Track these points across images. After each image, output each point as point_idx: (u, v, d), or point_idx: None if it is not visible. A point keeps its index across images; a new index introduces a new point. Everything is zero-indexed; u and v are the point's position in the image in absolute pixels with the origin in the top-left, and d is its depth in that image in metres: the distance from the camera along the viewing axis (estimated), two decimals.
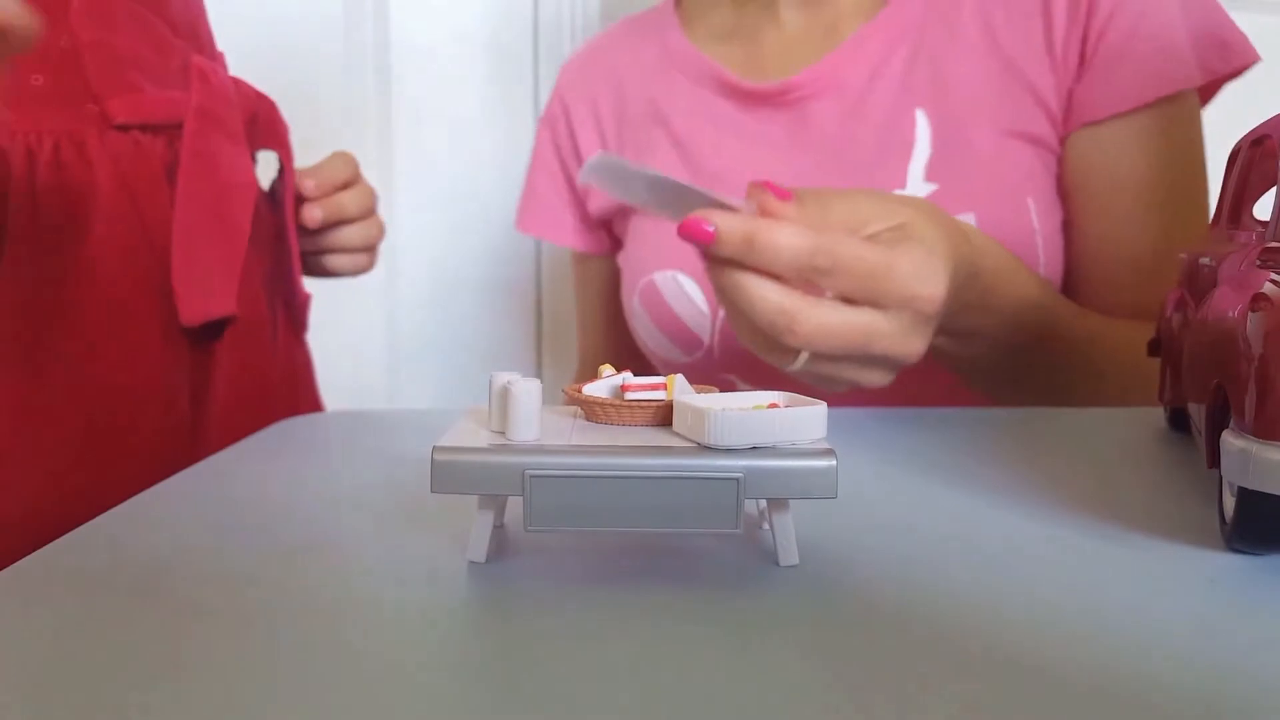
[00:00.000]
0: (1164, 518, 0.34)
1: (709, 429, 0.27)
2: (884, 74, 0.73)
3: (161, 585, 0.28)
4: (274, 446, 0.47)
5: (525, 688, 0.21)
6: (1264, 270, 0.33)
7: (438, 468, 0.27)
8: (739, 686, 0.21)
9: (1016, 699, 0.21)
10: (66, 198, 0.50)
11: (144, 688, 0.22)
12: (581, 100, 0.86)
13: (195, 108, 0.55)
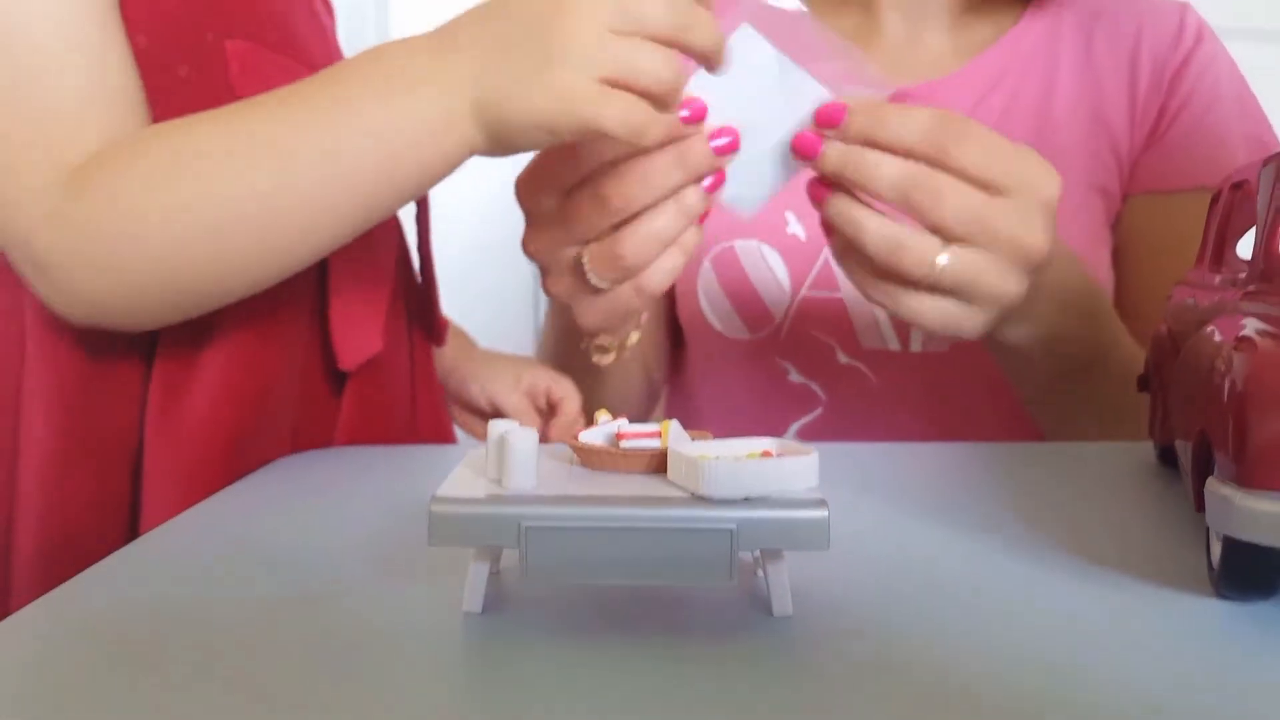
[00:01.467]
0: (1154, 562, 0.35)
1: (702, 480, 0.28)
2: (984, 110, 0.76)
3: (154, 637, 0.28)
4: (273, 487, 0.47)
5: None
6: (1245, 313, 0.34)
7: (435, 519, 0.28)
8: None
9: None
10: None
11: None
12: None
13: None
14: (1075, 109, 0.76)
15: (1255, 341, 0.30)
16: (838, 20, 0.82)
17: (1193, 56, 0.75)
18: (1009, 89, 0.77)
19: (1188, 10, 0.77)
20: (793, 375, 0.77)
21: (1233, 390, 0.29)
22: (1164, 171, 0.75)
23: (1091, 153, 0.75)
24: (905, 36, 0.80)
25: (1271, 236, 0.35)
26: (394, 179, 0.47)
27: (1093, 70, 0.77)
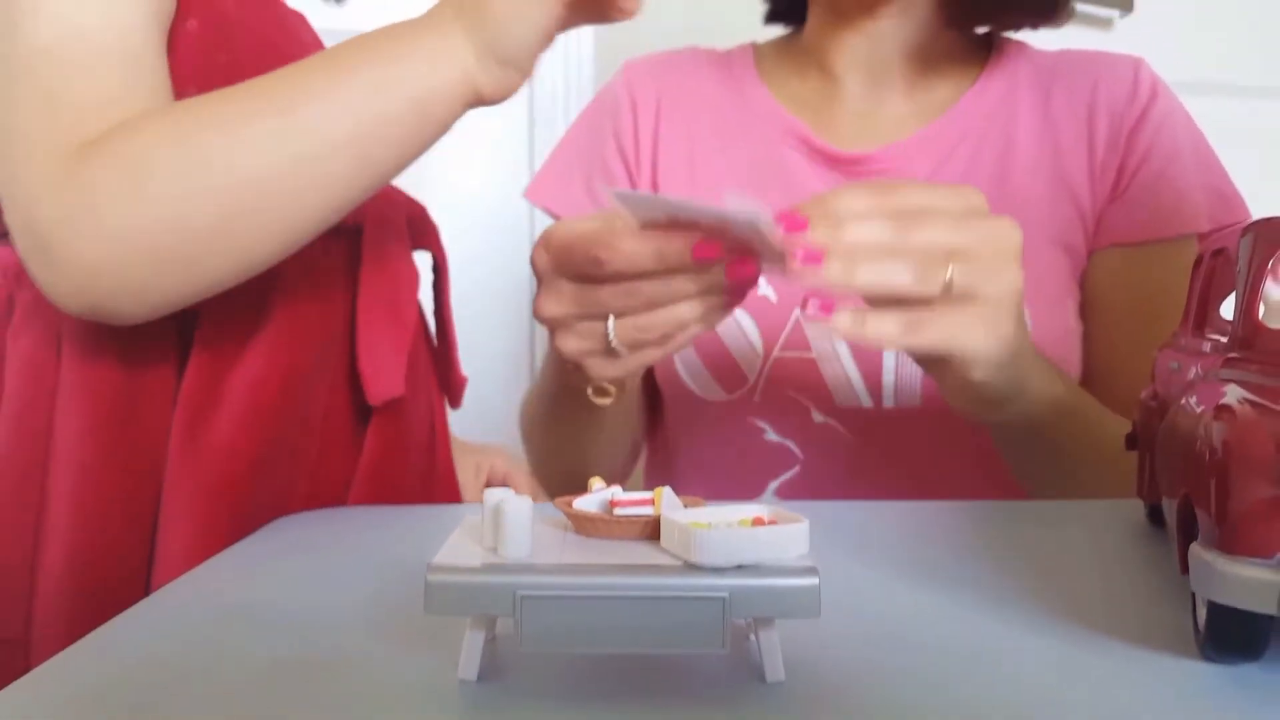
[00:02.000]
0: (1142, 624, 0.35)
1: (695, 548, 0.28)
2: (945, 171, 0.78)
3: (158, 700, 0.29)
4: (275, 547, 0.48)
5: None
6: (1226, 381, 0.34)
7: (432, 589, 0.28)
8: None
9: None
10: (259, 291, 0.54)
11: None
12: (649, 99, 0.86)
13: (372, 216, 0.60)
14: (1035, 167, 0.77)
15: (1235, 410, 0.31)
16: (801, 86, 0.84)
17: (1149, 111, 0.77)
18: (969, 150, 0.78)
19: (1141, 66, 0.79)
20: (769, 434, 0.78)
21: (1214, 458, 0.30)
22: (1128, 225, 0.76)
23: (1054, 209, 0.77)
24: (865, 102, 0.82)
25: (1250, 305, 0.36)
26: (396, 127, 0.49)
27: (1051, 128, 0.78)
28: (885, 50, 0.80)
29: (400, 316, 0.60)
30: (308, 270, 0.56)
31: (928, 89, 0.81)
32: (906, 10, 0.78)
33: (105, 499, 0.51)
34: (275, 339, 0.55)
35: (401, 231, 0.63)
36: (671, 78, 0.87)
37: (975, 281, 0.50)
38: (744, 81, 0.86)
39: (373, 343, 0.58)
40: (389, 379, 0.58)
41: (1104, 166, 0.77)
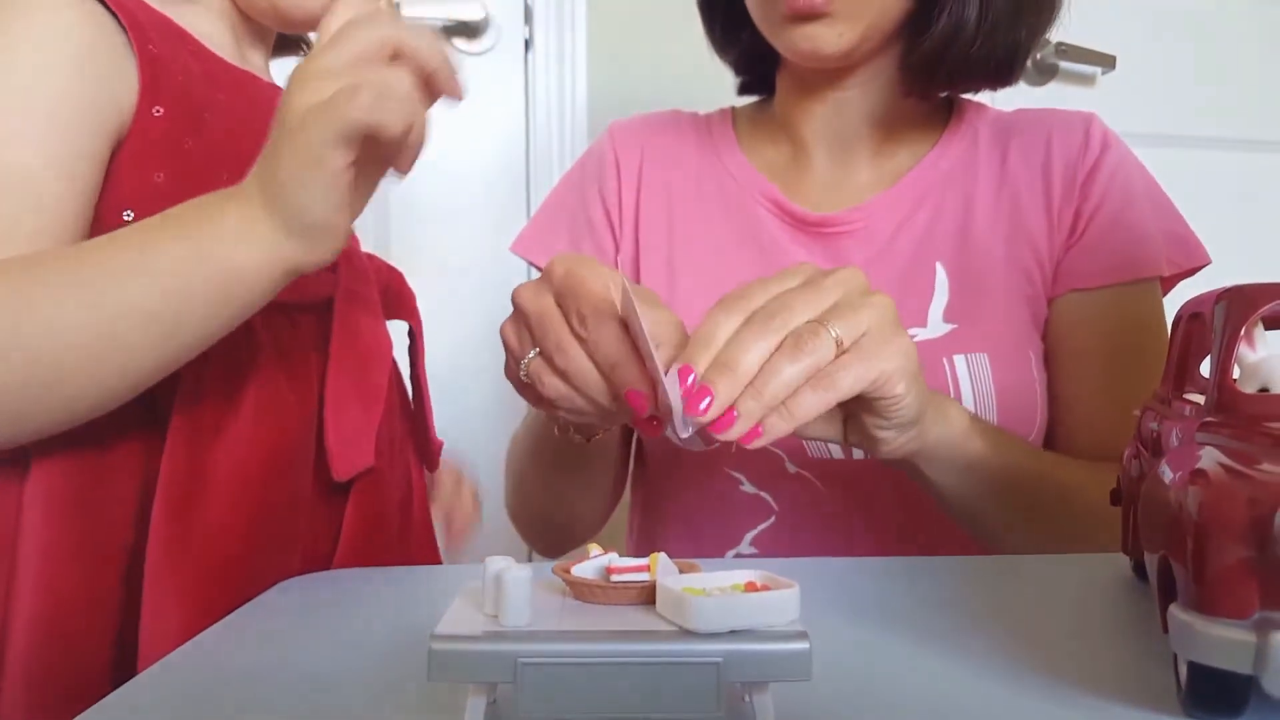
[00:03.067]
0: (1125, 680, 0.36)
1: (689, 614, 0.29)
2: (907, 229, 0.81)
3: None
4: (266, 616, 0.48)
5: None
6: (1202, 444, 0.36)
7: (435, 657, 0.29)
8: None
9: None
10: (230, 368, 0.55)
11: None
12: (632, 159, 0.89)
13: (342, 290, 0.61)
14: (995, 222, 0.80)
15: (1210, 474, 0.32)
16: (774, 151, 0.88)
17: (1101, 160, 0.80)
18: (930, 209, 0.81)
19: (1093, 121, 0.82)
20: (745, 485, 0.79)
21: (1190, 521, 0.31)
22: (1086, 270, 0.79)
23: (1014, 263, 0.79)
24: (832, 167, 0.85)
25: (1225, 371, 0.38)
26: (201, 303, 0.48)
27: (1009, 184, 0.81)
28: (849, 118, 0.84)
29: (369, 390, 0.61)
30: (280, 347, 0.57)
31: (891, 154, 0.85)
32: (868, 81, 0.82)
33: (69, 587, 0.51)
34: (254, 417, 0.55)
35: (373, 303, 0.64)
36: (654, 139, 0.91)
37: (855, 324, 0.53)
38: (721, 145, 0.89)
39: (340, 419, 0.59)
40: (357, 453, 0.59)
41: (1060, 215, 0.79)
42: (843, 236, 0.81)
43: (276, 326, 0.57)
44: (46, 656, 0.50)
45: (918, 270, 0.80)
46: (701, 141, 0.90)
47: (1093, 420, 0.78)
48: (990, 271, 0.79)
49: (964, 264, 0.79)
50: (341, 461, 0.58)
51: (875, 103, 0.83)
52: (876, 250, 0.81)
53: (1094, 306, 0.79)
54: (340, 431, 0.59)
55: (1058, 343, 0.80)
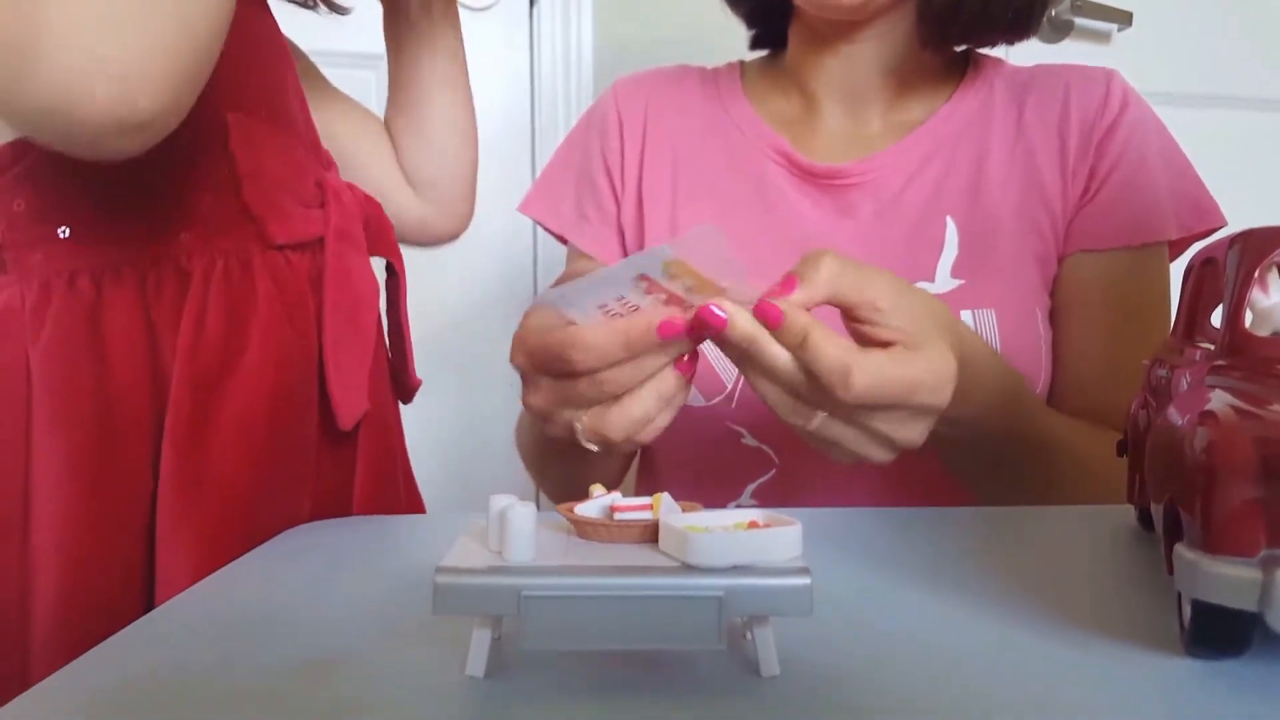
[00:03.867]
0: (1128, 622, 0.36)
1: (691, 550, 0.29)
2: (918, 182, 0.80)
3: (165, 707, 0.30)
4: (276, 559, 0.49)
5: None
6: (1211, 387, 0.35)
7: (439, 590, 0.29)
8: None
9: None
10: (233, 309, 0.54)
11: None
12: (636, 116, 0.88)
13: (333, 228, 0.60)
14: (1008, 179, 0.79)
15: (1218, 415, 0.32)
16: (784, 104, 0.87)
17: (1120, 120, 0.78)
18: (942, 163, 0.80)
19: (1114, 77, 0.81)
20: (746, 439, 0.79)
21: (1198, 461, 0.31)
22: (1097, 231, 0.78)
23: (1025, 220, 0.79)
24: (843, 120, 0.84)
25: (1236, 313, 0.37)
26: None
27: (1024, 140, 0.80)
28: (862, 72, 0.83)
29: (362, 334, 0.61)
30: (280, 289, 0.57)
31: (904, 107, 0.84)
32: (884, 33, 0.80)
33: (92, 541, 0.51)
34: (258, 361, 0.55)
35: (360, 241, 0.63)
36: (659, 94, 0.90)
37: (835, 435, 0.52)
38: (729, 98, 0.88)
39: (339, 364, 0.58)
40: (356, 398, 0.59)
41: (1075, 174, 0.79)
42: (851, 189, 0.81)
43: (274, 268, 0.57)
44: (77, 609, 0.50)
45: (927, 224, 0.79)
46: (708, 94, 0.89)
47: (1088, 381, 0.78)
48: (1001, 228, 0.78)
49: (974, 219, 0.79)
50: (344, 408, 0.58)
51: (890, 55, 0.82)
52: (885, 203, 0.80)
53: (1100, 268, 0.78)
54: (340, 377, 0.58)
55: (1063, 302, 0.80)
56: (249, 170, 0.57)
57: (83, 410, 0.52)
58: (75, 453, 0.51)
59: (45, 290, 0.52)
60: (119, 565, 0.52)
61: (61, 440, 0.51)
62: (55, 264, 0.52)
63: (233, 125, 0.56)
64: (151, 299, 0.54)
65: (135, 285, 0.53)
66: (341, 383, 0.58)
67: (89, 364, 0.52)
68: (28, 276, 0.53)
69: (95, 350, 0.52)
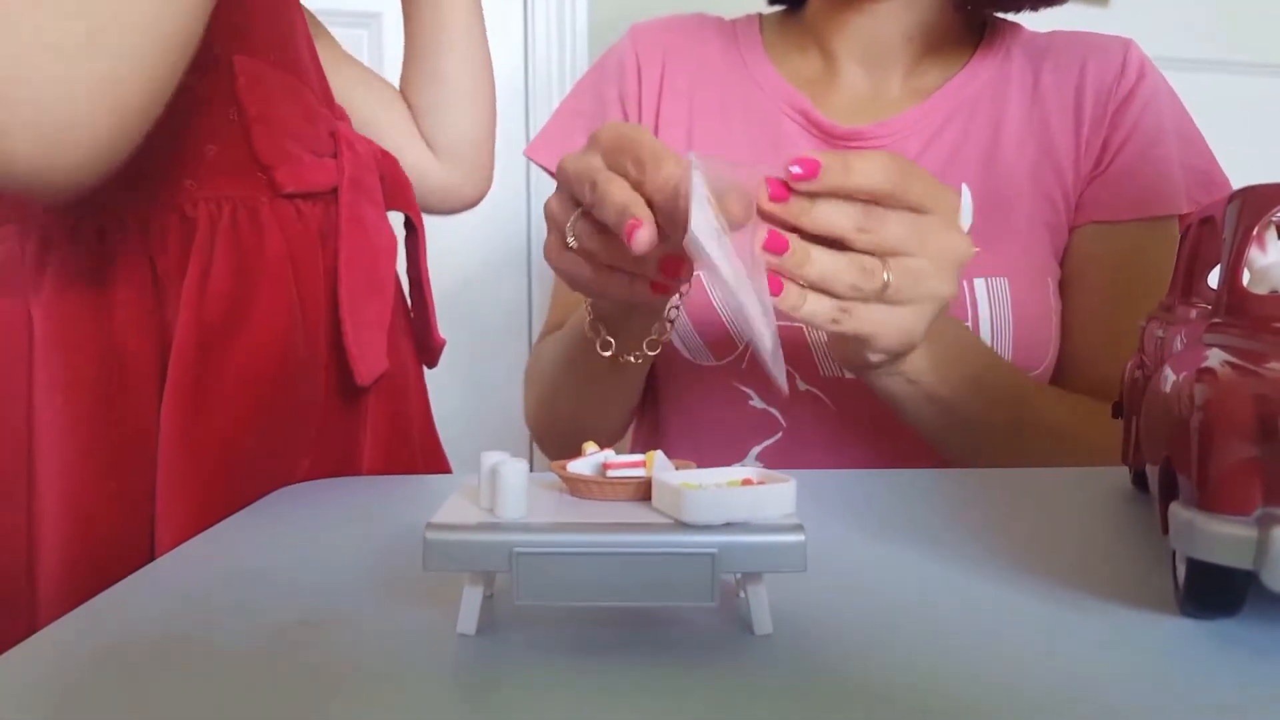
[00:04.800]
0: (1123, 582, 0.36)
1: (685, 507, 0.29)
2: (934, 148, 0.80)
3: (151, 665, 0.29)
4: (269, 517, 0.48)
5: None
6: (1209, 345, 0.35)
7: (430, 545, 0.29)
8: None
9: None
10: (240, 260, 0.53)
11: None
12: (654, 63, 0.87)
13: (348, 178, 0.59)
14: (1023, 146, 0.79)
15: (1216, 372, 0.31)
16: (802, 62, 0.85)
17: (1135, 91, 0.78)
18: (959, 129, 0.80)
19: (1131, 47, 0.80)
20: (754, 401, 0.79)
21: (1194, 418, 0.31)
22: (1109, 203, 0.78)
23: (1039, 188, 0.78)
24: (863, 81, 0.84)
25: (1235, 271, 0.37)
26: None
27: (1040, 108, 0.80)
28: (885, 33, 0.82)
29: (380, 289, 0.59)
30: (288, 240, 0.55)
31: (922, 72, 0.83)
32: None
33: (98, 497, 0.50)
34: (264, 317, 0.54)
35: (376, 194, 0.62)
36: (677, 42, 0.88)
37: (908, 287, 0.52)
38: (748, 52, 0.87)
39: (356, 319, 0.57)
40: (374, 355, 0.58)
41: (1089, 144, 0.78)
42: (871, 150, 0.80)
43: (284, 218, 0.56)
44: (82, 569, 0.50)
45: None
46: (727, 48, 0.88)
47: (1094, 354, 0.78)
48: (1015, 195, 0.78)
49: (989, 186, 0.78)
50: (362, 364, 0.57)
51: (915, 16, 0.81)
52: None
53: (1109, 240, 0.78)
54: (358, 332, 0.57)
55: (1072, 273, 0.80)
56: (257, 115, 0.55)
57: (86, 365, 0.51)
58: (79, 409, 0.50)
59: (46, 241, 0.51)
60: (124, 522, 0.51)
61: (64, 397, 0.50)
62: (56, 213, 0.51)
63: (240, 70, 0.54)
64: (156, 250, 0.52)
65: (139, 235, 0.52)
66: (359, 338, 0.57)
67: (92, 317, 0.51)
68: (29, 227, 0.51)
69: (99, 302, 0.51)
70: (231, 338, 0.52)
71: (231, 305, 0.53)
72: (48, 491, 0.50)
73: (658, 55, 0.87)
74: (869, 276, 0.51)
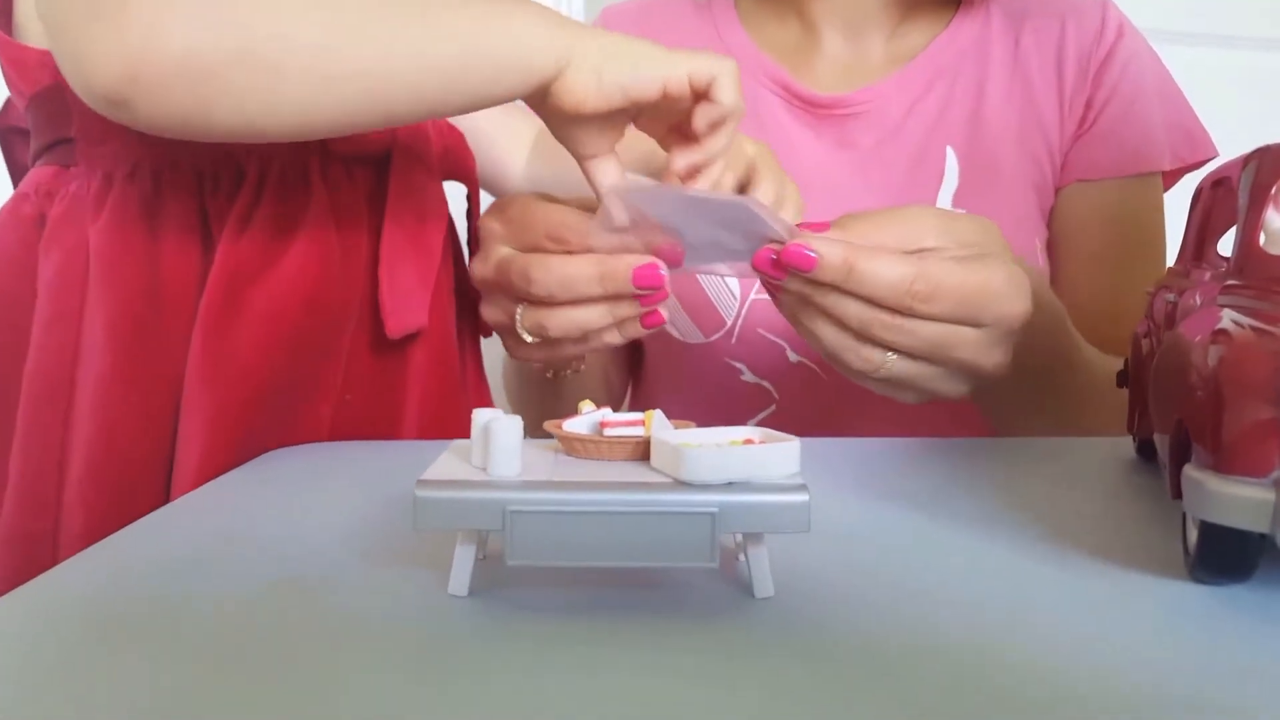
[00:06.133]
0: (1131, 548, 0.35)
1: (684, 465, 0.28)
2: (918, 112, 0.79)
3: (139, 623, 0.29)
4: (260, 479, 0.48)
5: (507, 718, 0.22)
6: (1223, 306, 0.34)
7: (420, 503, 0.28)
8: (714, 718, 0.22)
9: None
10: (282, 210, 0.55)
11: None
12: None
13: (400, 144, 0.60)
14: (1006, 107, 0.78)
15: (1231, 333, 0.31)
16: (780, 32, 0.84)
17: (1115, 50, 0.78)
18: (942, 92, 0.79)
19: (1109, 7, 0.80)
20: (745, 375, 0.79)
21: (1209, 380, 0.30)
22: (1092, 161, 0.78)
23: (1024, 149, 0.78)
24: (843, 49, 0.82)
25: (1251, 232, 0.36)
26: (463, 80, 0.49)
27: (1021, 69, 0.79)
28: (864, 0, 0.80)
29: (425, 249, 0.60)
30: (334, 198, 0.57)
31: (902, 35, 0.82)
32: None
33: (123, 411, 0.53)
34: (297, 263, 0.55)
35: (431, 162, 0.63)
36: (648, 21, 0.87)
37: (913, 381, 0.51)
38: (723, 26, 0.86)
39: (394, 274, 0.58)
40: (409, 312, 0.58)
41: (1072, 104, 0.78)
42: (851, 119, 0.79)
43: (333, 177, 0.57)
44: (100, 477, 0.52)
45: (928, 154, 0.78)
46: (701, 21, 0.86)
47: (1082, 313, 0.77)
48: (1001, 157, 0.78)
49: (975, 149, 0.78)
50: (394, 318, 0.58)
51: None
52: (886, 132, 0.79)
53: (1094, 198, 0.78)
54: (394, 287, 0.58)
55: (1059, 233, 0.80)
56: None
57: (130, 292, 0.53)
58: (119, 325, 0.53)
59: (108, 180, 0.54)
60: (145, 438, 0.53)
61: (107, 313, 0.53)
62: (118, 157, 0.54)
63: None
64: (208, 194, 0.55)
65: (192, 180, 0.55)
66: (394, 290, 0.58)
67: (142, 244, 0.53)
68: (94, 167, 0.55)
69: (150, 233, 0.54)
70: (261, 279, 0.54)
71: (266, 249, 0.54)
72: (83, 401, 0.53)
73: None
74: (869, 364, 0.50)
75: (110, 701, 0.23)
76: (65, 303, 0.54)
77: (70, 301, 0.54)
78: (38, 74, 0.55)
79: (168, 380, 0.53)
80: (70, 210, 0.54)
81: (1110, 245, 0.78)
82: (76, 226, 0.54)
